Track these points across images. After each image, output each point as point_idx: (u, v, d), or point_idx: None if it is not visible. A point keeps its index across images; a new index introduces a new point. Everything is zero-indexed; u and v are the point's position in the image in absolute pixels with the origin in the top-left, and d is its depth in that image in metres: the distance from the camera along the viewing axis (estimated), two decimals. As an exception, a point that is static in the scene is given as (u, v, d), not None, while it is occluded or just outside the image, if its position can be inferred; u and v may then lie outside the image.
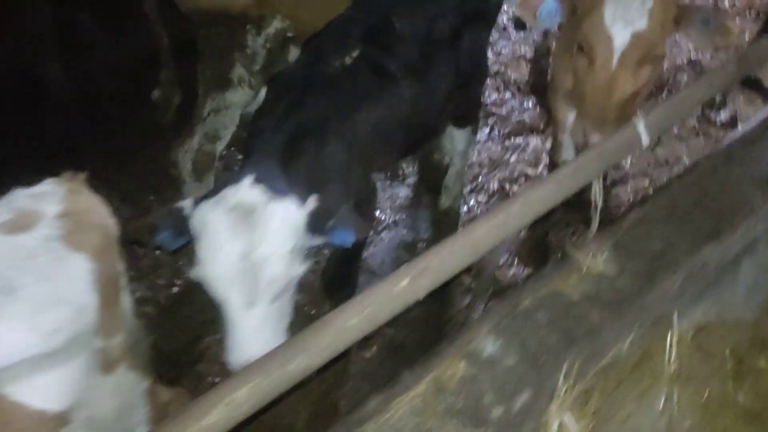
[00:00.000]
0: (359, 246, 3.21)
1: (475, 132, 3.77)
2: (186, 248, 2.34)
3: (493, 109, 4.70)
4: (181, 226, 2.20)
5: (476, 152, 4.42)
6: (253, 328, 2.17)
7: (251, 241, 2.08)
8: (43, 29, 3.70)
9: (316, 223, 2.19)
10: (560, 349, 2.34)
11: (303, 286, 3.62)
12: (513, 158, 4.36)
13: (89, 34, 3.85)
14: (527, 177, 4.22)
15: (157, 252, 3.85)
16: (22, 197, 1.62)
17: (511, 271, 3.71)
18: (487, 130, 4.58)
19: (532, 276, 2.90)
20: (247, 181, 2.15)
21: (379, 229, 3.99)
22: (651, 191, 4.10)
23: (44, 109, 3.70)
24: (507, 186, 4.16)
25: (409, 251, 3.86)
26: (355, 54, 2.73)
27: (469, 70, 3.24)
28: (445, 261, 1.92)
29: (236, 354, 2.17)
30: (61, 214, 1.61)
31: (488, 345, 2.33)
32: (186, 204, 2.22)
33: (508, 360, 2.30)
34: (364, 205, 2.97)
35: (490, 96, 4.73)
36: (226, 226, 2.09)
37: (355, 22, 2.90)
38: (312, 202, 2.20)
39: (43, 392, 1.55)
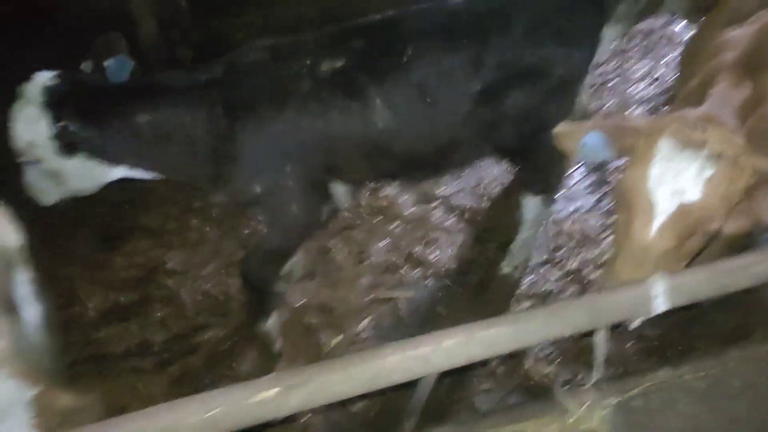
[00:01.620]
0: (281, 246, 3.06)
1: (546, 203, 3.31)
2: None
3: (609, 177, 4.11)
4: None
5: (570, 221, 3.90)
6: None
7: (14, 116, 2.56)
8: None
9: (56, 143, 2.56)
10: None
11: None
12: (610, 240, 3.78)
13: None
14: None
15: (207, 229, 3.93)
16: None
17: (548, 369, 3.23)
18: (594, 199, 4.02)
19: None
20: (43, 81, 2.55)
21: (428, 273, 3.69)
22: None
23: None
24: (585, 270, 3.62)
25: (449, 309, 3.52)
26: (337, 64, 2.68)
27: (524, 134, 2.94)
28: (334, 383, 1.64)
29: None
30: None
31: (405, 470, 2.02)
32: None
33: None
34: (289, 201, 2.85)
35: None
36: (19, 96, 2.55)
37: (363, 35, 2.78)
38: (59, 126, 2.54)
39: None
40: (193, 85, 2.68)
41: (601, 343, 1.99)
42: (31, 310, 2.00)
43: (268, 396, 1.59)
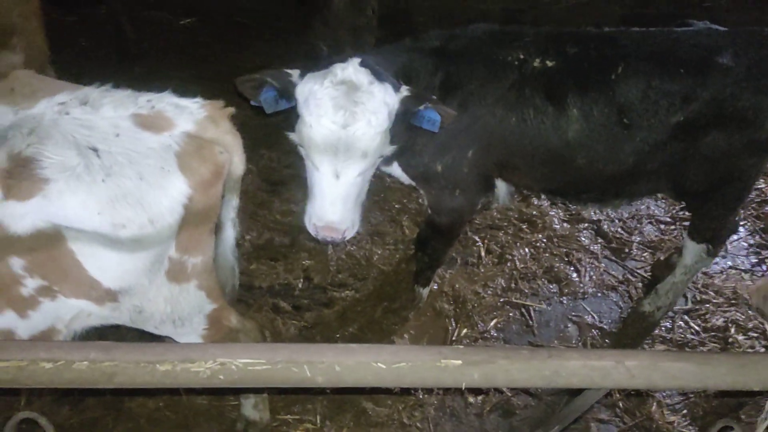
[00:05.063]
0: (443, 225, 3.16)
1: (710, 254, 3.18)
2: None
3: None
4: (285, 91, 2.45)
5: (724, 276, 3.76)
6: (336, 196, 2.43)
7: (352, 115, 2.31)
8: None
9: (407, 108, 2.45)
10: None
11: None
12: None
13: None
14: (765, 335, 3.47)
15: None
16: (166, 101, 1.78)
17: (672, 418, 3.15)
18: (753, 260, 3.84)
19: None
20: (355, 62, 2.38)
21: (564, 290, 3.67)
22: None
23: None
24: (732, 330, 3.48)
25: (579, 330, 3.50)
26: (548, 64, 2.72)
27: (710, 179, 2.87)
28: (515, 370, 1.69)
29: (317, 217, 2.47)
30: (189, 134, 1.75)
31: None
32: (294, 72, 2.47)
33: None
34: (452, 189, 2.93)
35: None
36: (331, 97, 2.31)
37: (580, 43, 2.79)
38: (404, 90, 2.46)
39: (100, 266, 1.73)
40: (421, 49, 2.74)
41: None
42: (230, 233, 2.18)
43: (453, 364, 1.67)
